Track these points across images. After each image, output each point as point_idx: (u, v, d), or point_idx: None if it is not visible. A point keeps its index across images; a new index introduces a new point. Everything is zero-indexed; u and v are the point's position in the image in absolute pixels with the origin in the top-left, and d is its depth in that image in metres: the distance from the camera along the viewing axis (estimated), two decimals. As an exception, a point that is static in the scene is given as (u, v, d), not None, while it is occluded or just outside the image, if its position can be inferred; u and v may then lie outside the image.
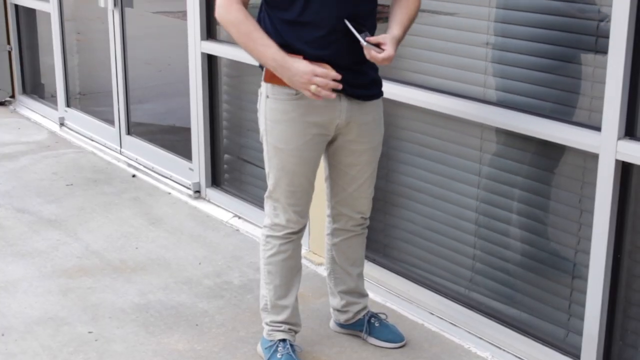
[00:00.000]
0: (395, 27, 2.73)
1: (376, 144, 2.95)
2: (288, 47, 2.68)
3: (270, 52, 2.65)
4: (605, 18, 2.65)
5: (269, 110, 2.81)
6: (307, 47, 2.69)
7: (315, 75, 2.60)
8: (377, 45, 2.62)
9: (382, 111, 2.95)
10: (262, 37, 2.67)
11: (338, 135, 2.87)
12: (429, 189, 3.40)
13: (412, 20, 2.80)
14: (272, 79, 2.75)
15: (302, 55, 2.67)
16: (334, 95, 2.63)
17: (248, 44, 2.71)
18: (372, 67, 2.83)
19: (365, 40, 2.62)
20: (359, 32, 2.64)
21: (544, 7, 2.87)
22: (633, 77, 2.59)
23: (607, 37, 2.59)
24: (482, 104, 3.06)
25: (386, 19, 2.84)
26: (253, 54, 2.73)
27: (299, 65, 2.63)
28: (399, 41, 2.71)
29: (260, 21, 2.78)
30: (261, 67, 2.81)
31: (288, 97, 2.76)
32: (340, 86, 2.63)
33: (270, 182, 2.90)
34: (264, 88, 2.82)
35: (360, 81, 2.80)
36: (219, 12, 2.73)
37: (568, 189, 2.91)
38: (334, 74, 2.62)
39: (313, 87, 2.61)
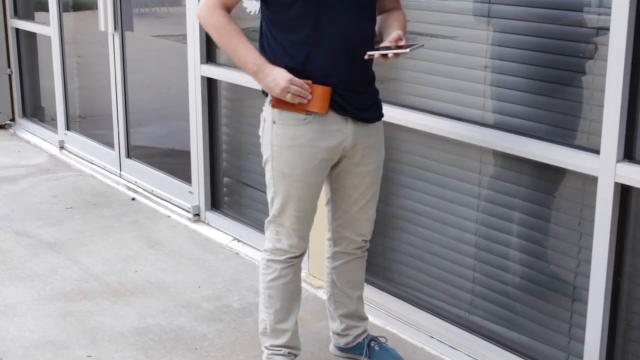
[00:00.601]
0: (395, 27, 2.75)
1: (378, 166, 2.96)
2: (296, 68, 2.69)
3: (253, 57, 2.72)
4: (601, 42, 2.66)
5: (276, 136, 2.80)
6: (315, 68, 2.69)
7: (292, 84, 2.67)
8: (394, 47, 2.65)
9: (383, 133, 2.96)
10: (245, 42, 2.73)
11: (342, 158, 2.87)
12: (428, 212, 3.40)
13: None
14: (280, 104, 2.74)
15: (311, 78, 2.68)
16: (305, 100, 2.69)
17: (229, 47, 2.75)
18: (374, 89, 2.85)
19: (387, 49, 2.63)
20: (377, 49, 2.66)
21: (542, 30, 2.88)
22: (631, 100, 2.59)
23: (605, 60, 2.60)
24: (481, 127, 3.07)
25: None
26: (234, 57, 2.77)
27: (279, 72, 2.69)
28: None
29: (263, 46, 2.79)
30: (265, 93, 2.81)
31: (296, 123, 2.76)
32: (309, 96, 2.69)
33: (274, 207, 2.88)
34: (269, 113, 2.82)
35: (365, 104, 2.82)
36: (202, 14, 2.76)
37: (567, 211, 2.91)
38: (307, 88, 2.68)
39: (289, 96, 2.68)
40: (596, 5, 2.75)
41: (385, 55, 2.61)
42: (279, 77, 2.68)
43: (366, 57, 2.64)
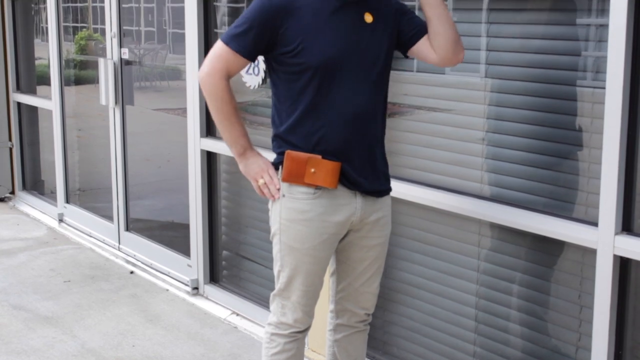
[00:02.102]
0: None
1: (385, 240, 2.94)
2: (305, 144, 2.71)
3: (242, 140, 2.81)
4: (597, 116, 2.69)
5: (285, 210, 2.79)
6: (324, 143, 2.70)
7: (266, 175, 2.77)
8: None
9: (391, 208, 2.95)
10: (239, 123, 2.80)
11: (350, 232, 2.86)
12: (427, 285, 3.39)
13: (449, 21, 2.72)
14: (290, 178, 2.74)
15: (321, 153, 2.69)
16: (276, 196, 2.77)
17: (224, 123, 2.79)
18: (384, 162, 2.85)
19: None
20: None
21: (538, 104, 2.91)
22: (628, 172, 2.61)
23: (600, 133, 2.63)
24: (479, 200, 3.08)
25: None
26: (224, 134, 2.82)
27: (258, 159, 2.81)
28: None
29: (274, 118, 2.80)
30: (276, 166, 2.82)
31: (306, 197, 2.75)
32: (277, 195, 2.76)
33: (281, 280, 2.86)
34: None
35: (374, 178, 2.81)
36: (206, 82, 2.75)
37: (567, 284, 2.90)
38: (277, 181, 2.77)
39: (261, 181, 2.78)
40: (591, 79, 2.79)
41: None
42: (256, 166, 2.80)
43: None
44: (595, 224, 2.68)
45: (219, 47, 2.74)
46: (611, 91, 2.57)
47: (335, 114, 2.69)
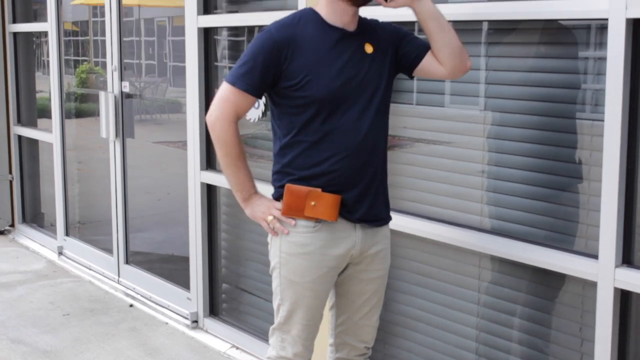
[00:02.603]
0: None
1: (384, 273, 2.93)
2: (306, 176, 2.71)
3: (248, 186, 2.81)
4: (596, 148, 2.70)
5: (285, 243, 2.78)
6: (325, 176, 2.70)
7: (275, 209, 2.76)
8: None
9: (390, 241, 2.95)
10: (245, 168, 2.79)
11: (349, 265, 2.85)
12: (428, 318, 3.38)
13: (451, 30, 2.74)
14: (290, 211, 2.74)
15: (321, 186, 2.69)
16: (286, 231, 2.76)
17: (230, 168, 2.78)
18: (384, 192, 2.85)
19: None
20: None
21: (537, 137, 2.92)
22: (628, 205, 2.61)
23: (600, 165, 2.63)
24: (479, 233, 3.08)
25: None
26: (230, 178, 2.81)
27: (263, 199, 2.81)
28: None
29: (276, 151, 2.80)
30: (276, 200, 2.82)
31: (306, 230, 2.75)
32: (286, 231, 2.75)
33: (281, 314, 2.85)
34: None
35: (374, 209, 2.80)
36: (215, 125, 2.74)
37: (568, 317, 2.89)
38: (277, 216, 2.77)
39: (269, 218, 2.77)
40: (590, 111, 2.80)
41: None
42: (263, 206, 2.80)
43: None
44: (595, 257, 2.68)
45: (225, 89, 2.74)
46: (610, 124, 2.58)
47: (338, 145, 2.70)
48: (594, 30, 2.76)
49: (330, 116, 2.68)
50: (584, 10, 2.68)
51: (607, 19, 2.57)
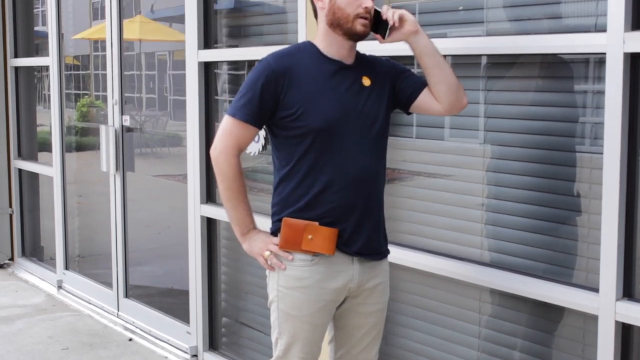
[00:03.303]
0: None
1: (383, 306, 2.92)
2: (304, 210, 2.71)
3: (247, 220, 2.82)
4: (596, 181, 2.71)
5: (282, 277, 2.78)
6: (322, 210, 2.70)
7: (272, 245, 2.76)
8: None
9: (389, 273, 2.94)
10: (245, 202, 2.80)
11: (347, 298, 2.84)
12: (428, 352, 3.36)
13: (447, 67, 2.76)
14: (287, 245, 2.74)
15: (318, 219, 2.69)
16: (283, 266, 2.75)
17: (231, 202, 2.79)
18: (383, 223, 2.85)
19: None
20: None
21: (537, 170, 2.93)
22: (628, 238, 2.61)
23: (599, 198, 2.63)
24: (479, 266, 3.07)
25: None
26: (230, 212, 2.81)
27: (260, 234, 2.81)
28: (420, 33, 2.73)
29: (275, 184, 2.80)
30: (274, 233, 2.82)
31: (304, 264, 2.75)
32: (283, 266, 2.75)
33: (279, 348, 2.84)
34: None
35: (373, 237, 2.80)
36: (218, 159, 2.76)
37: (569, 351, 2.88)
38: (278, 254, 2.77)
39: (267, 253, 2.76)
40: (589, 144, 2.81)
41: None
42: (260, 242, 2.80)
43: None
44: (596, 290, 2.67)
45: (226, 121, 2.76)
46: (609, 157, 2.59)
47: (336, 176, 2.70)
48: (592, 64, 2.78)
49: (328, 148, 2.69)
50: (582, 44, 2.70)
51: (604, 53, 2.59)
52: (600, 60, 2.69)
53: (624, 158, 2.57)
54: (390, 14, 2.68)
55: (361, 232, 2.75)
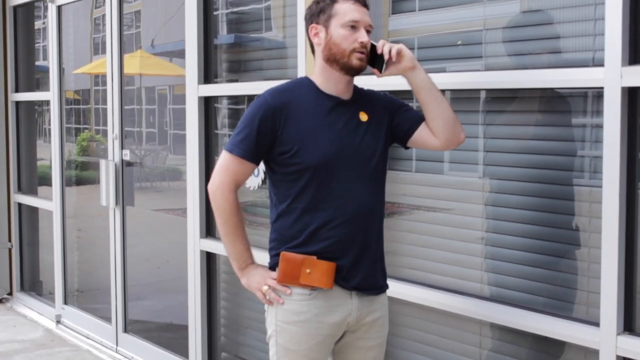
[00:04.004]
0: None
1: (382, 341, 2.91)
2: (302, 244, 2.71)
3: (245, 255, 2.82)
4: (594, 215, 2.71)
5: (281, 312, 2.77)
6: (320, 245, 2.70)
7: (270, 279, 2.76)
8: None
9: (388, 308, 2.93)
10: (243, 237, 2.80)
11: (346, 333, 2.83)
12: (429, 387, 3.34)
13: (444, 102, 2.77)
14: (285, 279, 2.73)
15: (316, 254, 2.69)
16: (281, 301, 2.74)
17: (229, 237, 2.79)
18: (381, 258, 2.85)
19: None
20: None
21: (536, 204, 2.93)
22: (628, 271, 2.61)
23: (599, 232, 2.63)
24: (479, 300, 3.06)
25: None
26: (228, 246, 2.81)
27: (259, 269, 2.81)
28: (418, 68, 2.74)
29: (273, 217, 2.81)
30: (272, 268, 2.82)
31: (302, 298, 2.74)
32: (281, 300, 2.74)
33: None
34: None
35: (372, 272, 2.79)
36: (216, 195, 2.77)
37: (570, 386, 2.86)
38: (278, 298, 2.76)
39: (265, 288, 2.75)
40: (588, 178, 2.81)
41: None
42: (258, 276, 2.79)
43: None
44: (596, 324, 2.66)
45: (223, 157, 2.78)
46: (608, 190, 2.59)
47: (334, 213, 2.70)
48: (590, 99, 2.79)
49: (325, 183, 2.70)
50: (580, 79, 2.71)
51: (602, 88, 2.60)
52: (598, 94, 2.70)
53: (622, 191, 2.58)
54: (386, 49, 2.70)
55: (360, 267, 2.74)
